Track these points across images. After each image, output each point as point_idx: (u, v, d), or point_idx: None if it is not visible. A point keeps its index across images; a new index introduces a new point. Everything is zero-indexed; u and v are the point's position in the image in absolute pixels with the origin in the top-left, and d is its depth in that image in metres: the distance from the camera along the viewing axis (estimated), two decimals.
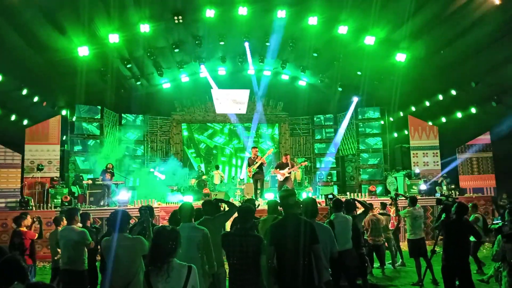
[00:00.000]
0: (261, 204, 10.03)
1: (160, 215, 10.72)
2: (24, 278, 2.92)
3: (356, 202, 6.80)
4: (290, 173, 11.79)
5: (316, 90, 18.79)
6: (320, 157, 19.17)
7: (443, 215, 5.91)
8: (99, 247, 5.10)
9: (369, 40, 13.09)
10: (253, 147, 12.46)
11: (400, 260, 9.27)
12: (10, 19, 9.56)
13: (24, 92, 12.15)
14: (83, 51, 12.23)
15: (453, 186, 13.69)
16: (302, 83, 18.85)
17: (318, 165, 19.01)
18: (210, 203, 5.47)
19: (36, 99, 12.87)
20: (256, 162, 11.72)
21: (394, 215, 9.01)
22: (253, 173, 11.73)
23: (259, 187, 12.07)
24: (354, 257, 5.68)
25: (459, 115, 14.14)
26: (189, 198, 13.61)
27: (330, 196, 8.63)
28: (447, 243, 5.60)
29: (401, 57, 13.33)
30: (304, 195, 13.38)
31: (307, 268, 3.93)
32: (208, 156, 18.92)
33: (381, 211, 9.34)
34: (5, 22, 9.52)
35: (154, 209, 7.24)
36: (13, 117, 12.68)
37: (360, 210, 6.91)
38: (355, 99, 17.52)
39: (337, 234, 5.04)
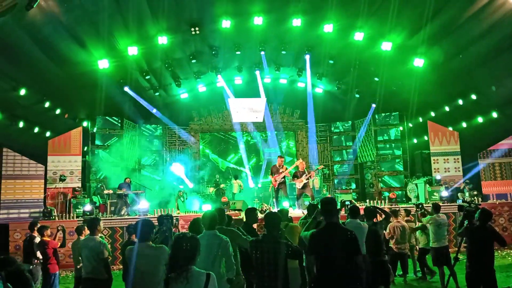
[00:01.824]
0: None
1: (180, 223, 10.79)
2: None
3: (376, 209, 6.72)
4: (308, 179, 11.80)
5: (333, 97, 18.73)
6: (338, 164, 19.04)
7: (466, 222, 5.78)
8: None
9: (386, 46, 13.02)
10: (279, 156, 12.55)
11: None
12: (32, 34, 9.85)
13: (47, 105, 12.48)
14: (103, 63, 12.52)
15: (475, 192, 13.38)
16: (319, 90, 18.82)
17: (336, 173, 18.88)
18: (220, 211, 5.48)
19: (58, 111, 13.20)
20: (282, 172, 11.85)
21: (420, 223, 8.83)
22: (278, 182, 11.83)
23: (279, 195, 12.15)
24: (365, 261, 5.59)
25: (480, 119, 13.88)
26: (207, 207, 13.70)
27: (347, 203, 8.54)
28: (471, 250, 5.48)
29: (419, 62, 13.19)
30: None
31: (349, 278, 3.84)
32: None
33: (406, 218, 9.13)
34: (27, 37, 9.81)
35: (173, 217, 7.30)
36: (36, 130, 13.01)
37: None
38: (373, 106, 17.38)
39: None
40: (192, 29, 12.50)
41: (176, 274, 3.06)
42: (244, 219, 6.26)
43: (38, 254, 7.12)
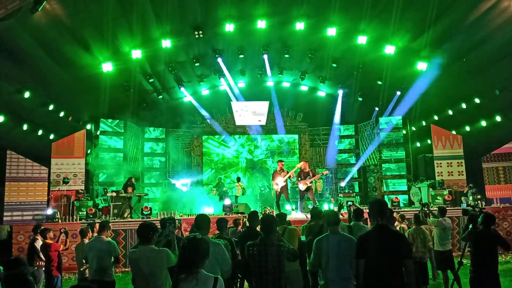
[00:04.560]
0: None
1: (182, 226, 10.79)
2: None
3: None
4: (311, 182, 11.78)
5: (336, 100, 18.71)
6: (341, 167, 19.01)
7: (470, 226, 5.76)
8: None
9: (389, 50, 13.02)
10: (279, 161, 12.56)
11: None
12: (37, 37, 9.92)
13: (51, 107, 12.53)
14: (107, 67, 12.59)
15: (479, 196, 13.32)
16: (322, 93, 18.82)
17: (339, 176, 18.85)
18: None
19: (62, 114, 13.25)
20: (284, 176, 11.87)
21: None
22: (280, 187, 11.84)
23: (280, 199, 12.16)
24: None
25: (483, 123, 13.84)
26: (210, 209, 13.75)
27: (350, 203, 8.44)
28: (475, 254, 5.46)
29: (422, 65, 13.19)
30: (326, 206, 13.29)
31: (398, 283, 3.76)
32: None
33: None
34: (32, 40, 9.88)
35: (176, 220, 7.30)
36: (40, 132, 13.06)
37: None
38: (376, 109, 17.37)
39: None
40: (196, 32, 12.56)
41: (185, 276, 3.07)
42: (247, 223, 6.26)
43: (42, 257, 7.14)
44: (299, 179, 11.86)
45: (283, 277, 4.19)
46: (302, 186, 11.76)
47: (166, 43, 12.59)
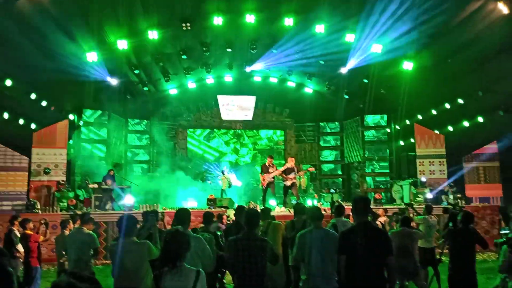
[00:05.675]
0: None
1: (165, 219, 10.71)
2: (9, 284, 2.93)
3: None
4: (295, 178, 11.86)
5: (322, 97, 18.80)
6: (326, 164, 19.13)
7: (450, 224, 5.88)
8: None
9: (376, 48, 13.11)
10: (269, 156, 12.62)
11: None
12: (20, 24, 9.69)
13: (33, 96, 12.27)
14: (92, 56, 12.36)
15: (459, 195, 13.57)
16: (309, 90, 18.88)
17: (323, 172, 18.97)
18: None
19: (44, 103, 12.98)
20: (272, 172, 11.91)
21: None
22: (267, 182, 11.86)
23: (266, 194, 12.20)
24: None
25: (466, 124, 14.08)
26: (193, 203, 13.69)
27: (332, 191, 8.49)
28: (453, 252, 5.56)
29: (408, 65, 13.32)
30: (310, 202, 13.37)
31: (379, 280, 3.81)
32: None
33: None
34: (15, 27, 9.65)
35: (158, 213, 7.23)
36: (21, 121, 12.78)
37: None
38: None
39: None
40: (184, 24, 12.42)
41: (167, 269, 3.07)
42: (234, 218, 6.25)
43: (19, 248, 6.99)
44: (284, 174, 11.93)
45: (266, 272, 4.20)
46: (287, 182, 11.87)
47: (153, 35, 12.41)
